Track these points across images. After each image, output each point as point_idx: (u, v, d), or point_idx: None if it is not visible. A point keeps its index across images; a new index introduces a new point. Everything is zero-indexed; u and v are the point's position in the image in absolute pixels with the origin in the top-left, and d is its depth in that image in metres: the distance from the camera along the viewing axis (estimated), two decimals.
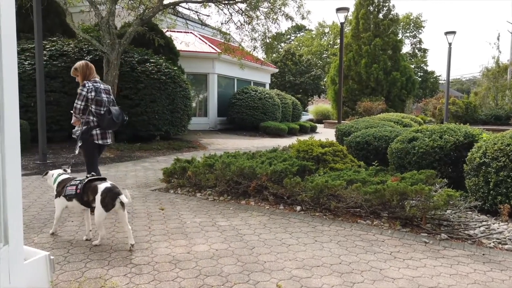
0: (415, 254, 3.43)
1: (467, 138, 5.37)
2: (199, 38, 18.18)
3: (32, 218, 4.26)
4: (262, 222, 4.27)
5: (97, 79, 4.45)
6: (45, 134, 8.13)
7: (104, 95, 4.39)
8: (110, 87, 4.61)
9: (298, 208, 4.76)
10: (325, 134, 17.62)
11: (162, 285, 2.75)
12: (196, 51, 16.35)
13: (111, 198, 3.35)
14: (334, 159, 5.95)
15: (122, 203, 3.37)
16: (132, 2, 11.25)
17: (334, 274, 2.99)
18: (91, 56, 10.78)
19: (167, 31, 14.69)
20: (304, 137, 7.09)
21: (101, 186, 3.40)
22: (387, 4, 28.31)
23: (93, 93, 4.27)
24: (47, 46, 10.62)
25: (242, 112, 16.68)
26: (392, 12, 28.52)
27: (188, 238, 3.73)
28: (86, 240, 3.60)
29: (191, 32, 17.76)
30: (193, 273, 2.96)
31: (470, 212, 4.59)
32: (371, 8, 28.22)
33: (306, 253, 3.41)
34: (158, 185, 6.09)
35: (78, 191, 3.48)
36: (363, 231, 4.02)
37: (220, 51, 15.24)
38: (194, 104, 16.14)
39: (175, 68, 12.07)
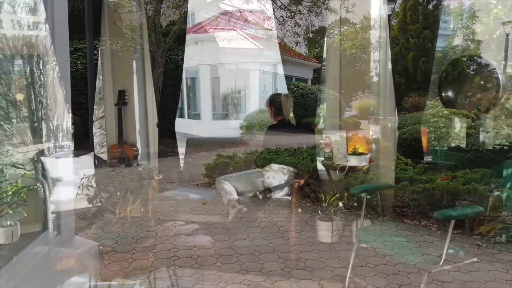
0: (467, 257, 3.23)
1: None
2: (241, 34, 18.25)
3: (83, 210, 4.48)
4: (303, 219, 4.21)
5: None
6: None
7: None
8: None
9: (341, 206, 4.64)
10: (370, 130, 17.09)
11: (205, 278, 2.79)
12: (238, 48, 16.42)
13: None
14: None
15: None
16: (176, 0, 11.49)
17: (378, 275, 2.89)
18: (137, 55, 11.14)
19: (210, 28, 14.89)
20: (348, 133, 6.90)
21: None
22: None
23: None
24: (98, 46, 11.10)
25: None
26: (442, 2, 27.10)
27: (229, 233, 3.76)
28: None
29: (233, 29, 17.86)
30: (235, 268, 2.98)
31: None
32: None
33: (349, 252, 3.32)
34: (200, 180, 6.19)
35: None
36: (410, 231, 3.86)
37: (261, 47, 15.21)
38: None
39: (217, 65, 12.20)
